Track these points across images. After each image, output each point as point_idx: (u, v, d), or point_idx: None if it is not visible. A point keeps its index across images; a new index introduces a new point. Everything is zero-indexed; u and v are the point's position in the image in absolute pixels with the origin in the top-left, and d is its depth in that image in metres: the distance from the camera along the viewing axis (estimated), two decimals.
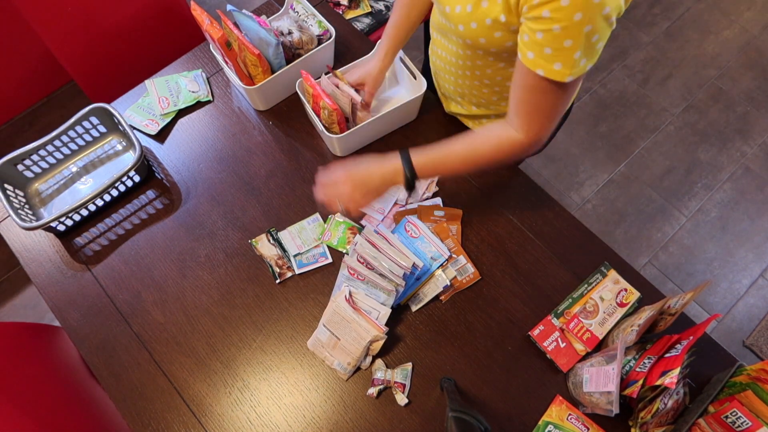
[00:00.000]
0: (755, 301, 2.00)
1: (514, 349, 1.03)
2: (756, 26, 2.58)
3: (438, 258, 1.06)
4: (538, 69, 0.76)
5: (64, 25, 1.66)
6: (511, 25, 0.78)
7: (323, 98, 1.08)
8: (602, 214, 2.16)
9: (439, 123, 1.25)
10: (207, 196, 1.19)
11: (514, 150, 0.88)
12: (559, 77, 0.75)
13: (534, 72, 0.76)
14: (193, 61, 1.35)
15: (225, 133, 1.26)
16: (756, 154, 2.28)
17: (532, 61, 0.76)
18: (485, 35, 0.83)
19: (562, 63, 0.74)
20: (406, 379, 0.99)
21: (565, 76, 0.75)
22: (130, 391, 1.02)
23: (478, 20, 0.82)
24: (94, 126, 1.20)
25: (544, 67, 0.75)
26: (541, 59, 0.75)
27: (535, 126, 0.85)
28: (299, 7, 1.29)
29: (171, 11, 1.86)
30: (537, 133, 0.85)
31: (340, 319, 0.97)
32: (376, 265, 0.98)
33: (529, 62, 0.76)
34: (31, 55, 2.08)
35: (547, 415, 0.97)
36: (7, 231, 1.17)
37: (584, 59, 0.74)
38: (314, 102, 1.13)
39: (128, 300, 1.09)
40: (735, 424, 0.88)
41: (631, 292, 1.05)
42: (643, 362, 0.92)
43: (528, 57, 0.76)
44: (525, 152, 0.89)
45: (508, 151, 0.89)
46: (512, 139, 0.87)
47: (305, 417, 0.99)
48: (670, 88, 2.43)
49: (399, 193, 1.16)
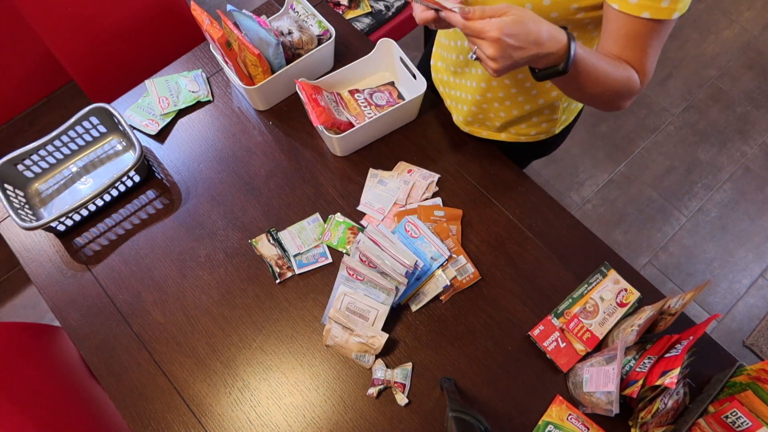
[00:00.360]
0: (755, 301, 2.00)
1: (514, 349, 1.03)
2: (756, 26, 2.58)
3: (438, 258, 1.06)
4: (644, 12, 0.73)
5: (64, 25, 1.66)
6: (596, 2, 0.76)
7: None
8: (602, 214, 2.16)
9: (439, 123, 1.25)
10: (207, 196, 1.19)
11: (633, 89, 0.83)
12: (667, 14, 0.73)
13: (638, 17, 0.74)
14: (193, 61, 1.35)
15: (225, 133, 1.26)
16: (756, 154, 2.28)
17: (637, 5, 0.73)
18: (565, 17, 0.80)
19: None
20: (406, 379, 0.99)
21: (673, 12, 0.73)
22: (130, 391, 1.02)
23: (560, 7, 0.79)
24: (94, 126, 1.20)
25: (651, 8, 0.73)
26: (648, 1, 0.72)
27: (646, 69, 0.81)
28: (299, 7, 1.29)
29: (171, 11, 1.86)
30: (647, 75, 0.82)
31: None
32: (378, 264, 0.98)
33: (633, 7, 0.73)
34: (31, 55, 2.08)
35: (547, 415, 0.97)
36: (7, 231, 1.17)
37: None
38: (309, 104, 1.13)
39: (128, 300, 1.09)
40: (735, 424, 0.88)
41: (631, 292, 1.05)
42: (643, 362, 0.92)
43: (631, 2, 0.73)
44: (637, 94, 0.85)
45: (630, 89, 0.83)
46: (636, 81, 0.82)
47: (305, 417, 0.99)
48: (670, 88, 2.43)
49: (399, 193, 1.16)
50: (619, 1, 0.75)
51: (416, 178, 1.17)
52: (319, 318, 1.06)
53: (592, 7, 0.81)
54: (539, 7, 0.82)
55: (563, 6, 0.81)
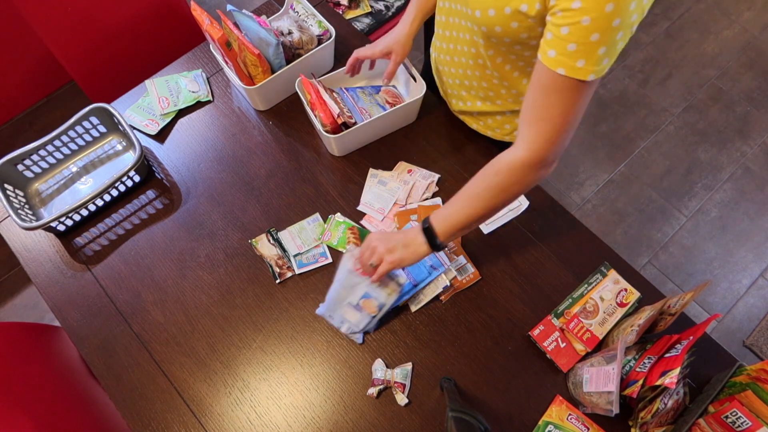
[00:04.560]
0: (755, 301, 2.00)
1: (514, 349, 1.03)
2: (756, 26, 2.58)
3: (438, 267, 1.06)
4: (559, 68, 0.73)
5: (64, 25, 1.66)
6: (530, 16, 0.77)
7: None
8: (602, 214, 2.16)
9: (440, 124, 1.25)
10: (207, 196, 1.19)
11: (521, 170, 0.83)
12: (582, 75, 0.73)
13: (554, 72, 0.74)
14: (193, 61, 1.35)
15: (225, 133, 1.26)
16: (756, 154, 2.28)
17: (554, 59, 0.73)
18: (502, 24, 0.81)
19: (586, 60, 0.71)
20: (406, 379, 0.99)
21: (588, 74, 0.73)
22: (130, 391, 1.02)
23: (496, 7, 0.80)
24: (94, 126, 1.20)
25: (566, 65, 0.73)
26: (564, 56, 0.72)
27: (541, 136, 0.79)
28: (299, 7, 1.29)
29: (171, 11, 1.86)
30: (541, 145, 0.80)
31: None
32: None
33: (550, 61, 0.74)
34: (31, 55, 2.08)
35: (547, 415, 0.97)
36: (7, 231, 1.17)
37: (607, 58, 0.72)
38: (312, 106, 1.13)
39: (128, 300, 1.09)
40: (735, 424, 0.88)
41: (631, 292, 1.05)
42: (643, 362, 0.92)
43: (549, 56, 0.74)
44: (531, 171, 0.83)
45: (516, 173, 0.83)
46: (516, 158, 0.82)
47: (305, 417, 0.99)
48: (670, 88, 2.43)
49: (399, 193, 1.16)
50: (541, 52, 0.75)
51: (416, 178, 1.17)
52: (319, 318, 1.06)
53: (537, 35, 0.80)
54: (492, 32, 0.85)
55: (513, 34, 0.83)
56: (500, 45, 0.89)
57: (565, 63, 0.73)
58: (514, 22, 0.80)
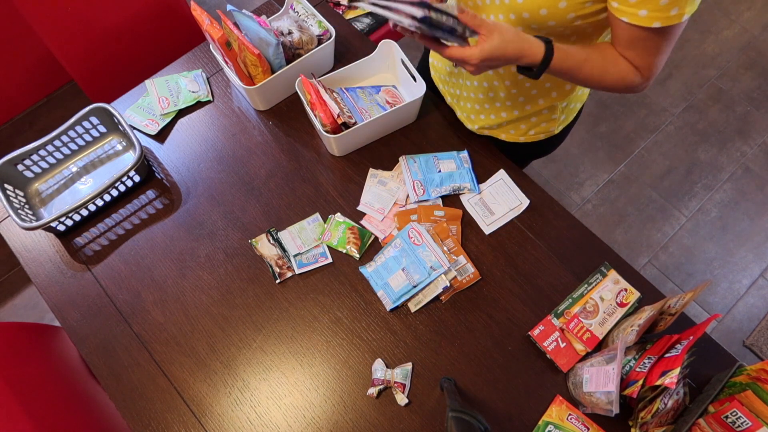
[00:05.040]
0: (755, 301, 2.00)
1: (514, 349, 1.03)
2: (756, 26, 2.58)
3: (438, 268, 1.06)
4: (654, 23, 0.75)
5: (64, 25, 1.66)
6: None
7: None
8: (602, 214, 2.16)
9: (439, 124, 1.25)
10: (207, 196, 1.19)
11: (632, 89, 0.88)
12: (677, 20, 0.75)
13: (649, 28, 0.76)
14: (193, 61, 1.35)
15: (225, 133, 1.26)
16: (756, 154, 2.28)
17: (647, 17, 0.75)
18: (548, 5, 0.80)
19: (679, 6, 0.73)
20: (406, 379, 0.99)
21: (682, 17, 0.75)
22: (130, 391, 1.02)
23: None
24: (94, 126, 1.20)
25: (660, 18, 0.74)
26: (657, 12, 0.74)
27: (654, 69, 0.84)
28: (299, 7, 1.29)
29: (171, 11, 1.86)
30: (654, 73, 0.85)
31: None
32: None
33: (643, 20, 0.75)
34: (31, 55, 2.08)
35: (547, 415, 0.97)
36: (7, 231, 1.17)
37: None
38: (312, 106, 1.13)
39: (128, 300, 1.09)
40: (735, 424, 0.88)
41: (631, 292, 1.05)
42: (643, 362, 0.92)
43: (641, 15, 0.75)
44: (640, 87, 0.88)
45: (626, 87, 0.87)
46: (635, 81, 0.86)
47: (305, 417, 0.99)
48: (670, 88, 2.43)
49: (399, 193, 1.16)
50: (629, 15, 0.76)
51: None
52: (319, 318, 1.06)
53: (591, 14, 0.81)
54: (536, 18, 0.83)
55: (560, 17, 0.81)
56: (541, 31, 0.85)
57: (659, 17, 0.75)
58: (563, 2, 0.79)
